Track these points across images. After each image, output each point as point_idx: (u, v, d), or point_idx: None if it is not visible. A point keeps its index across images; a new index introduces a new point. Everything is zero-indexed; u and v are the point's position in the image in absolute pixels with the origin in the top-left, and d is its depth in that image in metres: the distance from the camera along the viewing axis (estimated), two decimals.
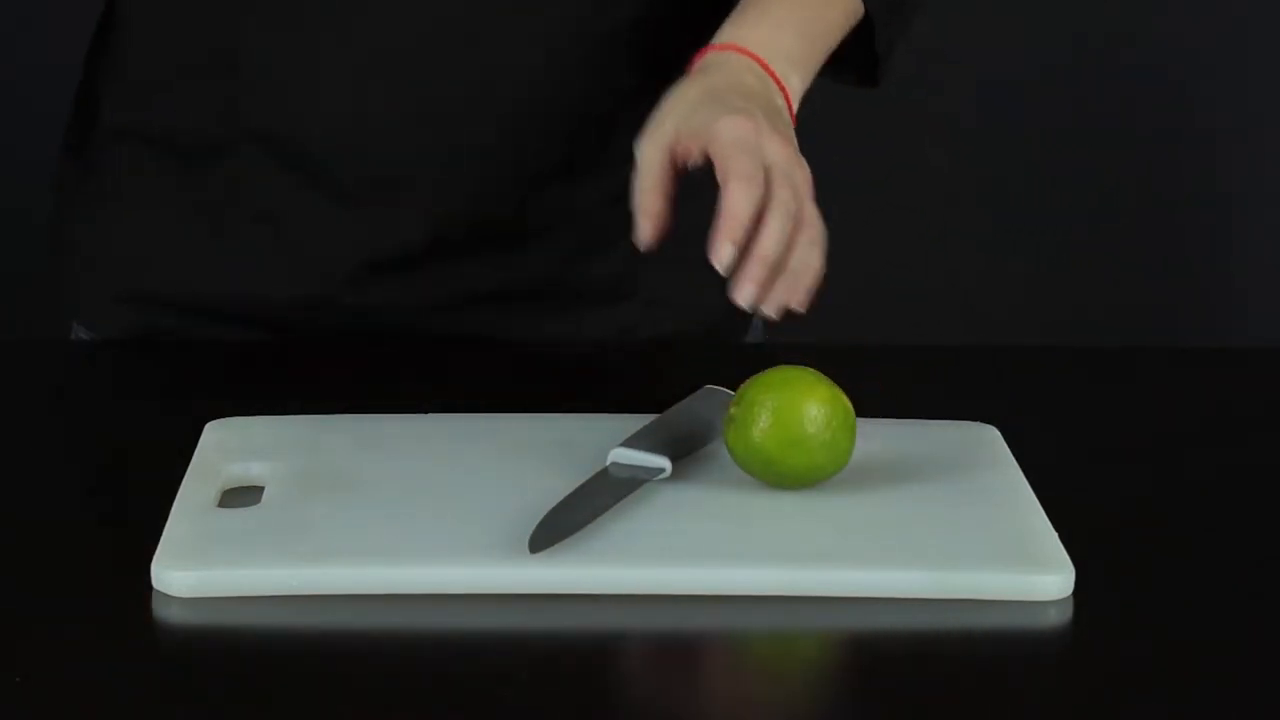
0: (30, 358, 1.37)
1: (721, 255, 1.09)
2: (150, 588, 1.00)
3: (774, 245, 1.10)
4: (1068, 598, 1.02)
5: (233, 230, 1.35)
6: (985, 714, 0.94)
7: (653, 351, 1.37)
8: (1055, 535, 1.05)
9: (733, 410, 1.09)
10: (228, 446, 1.13)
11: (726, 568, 1.01)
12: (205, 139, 1.34)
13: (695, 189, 1.16)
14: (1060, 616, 1.01)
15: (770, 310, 1.11)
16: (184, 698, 0.93)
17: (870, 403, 1.12)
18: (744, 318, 1.44)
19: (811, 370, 1.09)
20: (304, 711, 0.92)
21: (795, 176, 1.13)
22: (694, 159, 1.14)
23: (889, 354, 1.44)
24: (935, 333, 2.50)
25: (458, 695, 0.93)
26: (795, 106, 1.22)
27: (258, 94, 1.31)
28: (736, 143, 1.12)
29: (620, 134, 1.30)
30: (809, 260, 1.11)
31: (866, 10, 1.30)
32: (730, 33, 1.23)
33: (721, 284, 1.09)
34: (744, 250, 1.09)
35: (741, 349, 1.42)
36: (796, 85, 1.23)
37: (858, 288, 2.53)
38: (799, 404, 1.07)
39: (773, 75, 1.21)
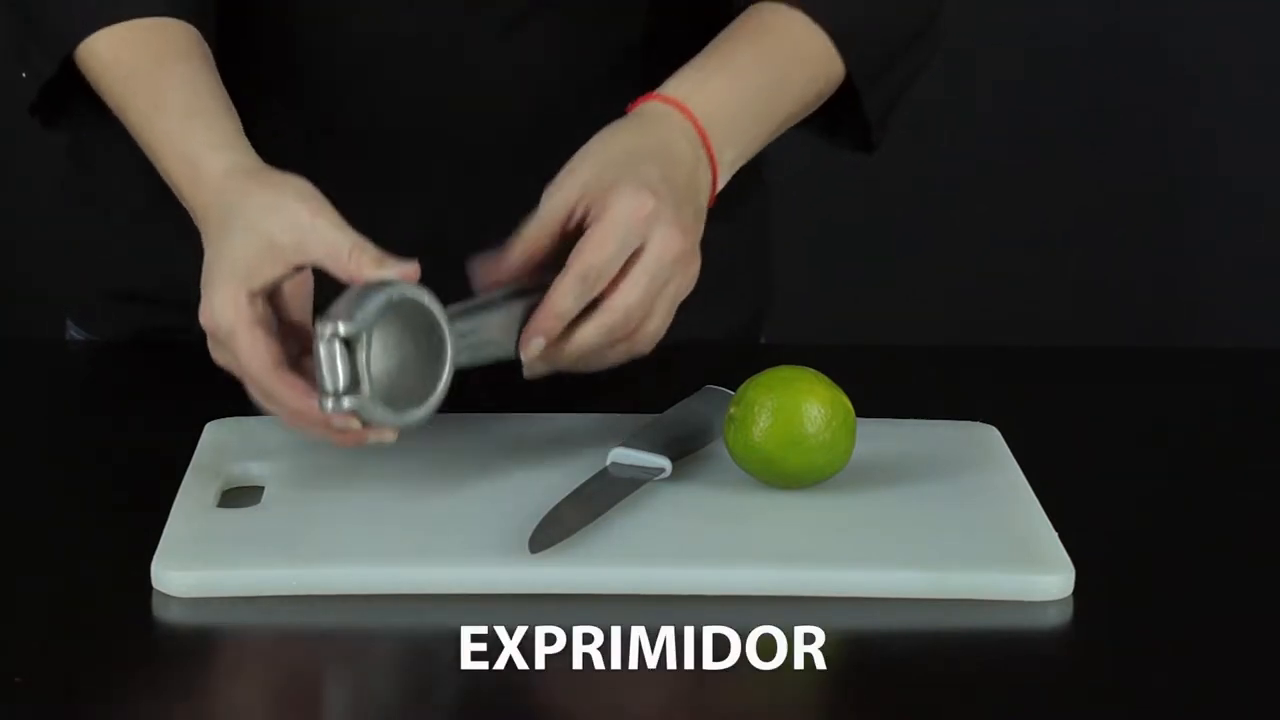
0: (29, 358, 1.37)
1: (529, 350, 1.08)
2: (150, 588, 1.00)
3: (579, 347, 1.09)
4: (1068, 598, 1.02)
5: None
6: (985, 714, 0.94)
7: (654, 351, 1.36)
8: (1055, 535, 1.05)
9: (733, 410, 1.09)
10: (228, 446, 1.13)
11: (726, 568, 1.01)
12: None
13: (720, 213, 1.15)
14: (1060, 616, 1.01)
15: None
16: (184, 698, 0.93)
17: (870, 403, 1.12)
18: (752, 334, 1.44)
19: (811, 370, 1.09)
20: (304, 711, 0.92)
21: (664, 275, 1.09)
22: (586, 222, 1.10)
23: (889, 354, 1.44)
24: (935, 333, 2.50)
25: (458, 694, 0.93)
26: (722, 182, 1.18)
27: (257, 93, 1.31)
28: (616, 224, 1.08)
29: None
30: (603, 360, 1.11)
31: (849, 78, 1.25)
32: (679, 85, 1.18)
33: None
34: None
35: (742, 349, 1.42)
36: (730, 159, 1.18)
37: (858, 288, 2.53)
38: (799, 404, 1.07)
39: (707, 146, 1.16)
